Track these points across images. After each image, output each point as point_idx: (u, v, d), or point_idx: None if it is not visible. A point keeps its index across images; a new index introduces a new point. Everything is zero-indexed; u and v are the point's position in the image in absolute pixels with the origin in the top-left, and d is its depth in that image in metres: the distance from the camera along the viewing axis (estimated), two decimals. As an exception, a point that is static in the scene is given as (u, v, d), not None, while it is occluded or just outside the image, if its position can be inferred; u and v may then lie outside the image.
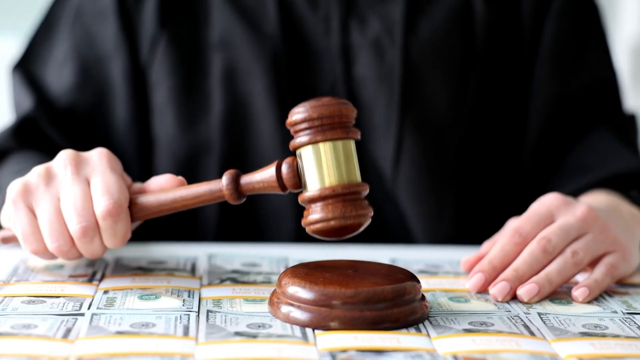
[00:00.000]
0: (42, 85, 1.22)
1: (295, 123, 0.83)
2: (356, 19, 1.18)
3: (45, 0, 1.36)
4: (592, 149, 1.20)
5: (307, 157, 0.83)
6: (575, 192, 1.10)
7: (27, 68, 1.23)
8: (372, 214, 0.84)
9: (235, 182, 0.87)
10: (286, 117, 1.15)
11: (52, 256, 0.91)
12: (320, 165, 0.83)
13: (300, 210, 0.86)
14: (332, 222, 0.82)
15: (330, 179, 0.83)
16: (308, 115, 0.82)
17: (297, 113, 0.83)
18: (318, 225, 0.83)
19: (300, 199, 0.84)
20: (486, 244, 0.99)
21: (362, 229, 0.84)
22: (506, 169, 1.22)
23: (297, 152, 0.84)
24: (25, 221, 0.89)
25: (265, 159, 1.18)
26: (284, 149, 1.16)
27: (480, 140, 1.21)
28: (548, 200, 0.96)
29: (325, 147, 0.83)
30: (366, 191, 0.84)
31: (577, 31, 1.22)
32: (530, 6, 1.21)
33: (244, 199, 0.88)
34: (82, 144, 1.19)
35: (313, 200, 0.83)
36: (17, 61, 1.24)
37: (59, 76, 1.22)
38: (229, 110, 1.18)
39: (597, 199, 1.04)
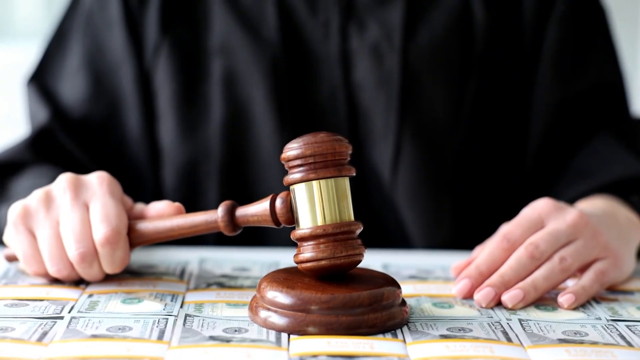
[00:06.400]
0: (56, 96, 1.23)
1: (289, 159, 0.83)
2: (355, 24, 1.18)
3: (59, 10, 1.37)
4: (594, 154, 1.18)
5: (300, 195, 0.83)
6: (575, 198, 1.09)
7: (41, 80, 1.24)
8: (365, 252, 0.84)
9: (230, 214, 0.87)
10: (286, 121, 1.18)
11: (54, 278, 0.92)
12: (313, 204, 0.83)
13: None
14: (323, 262, 0.82)
15: (322, 218, 0.82)
16: (301, 153, 0.82)
17: (291, 149, 0.83)
18: (308, 265, 0.83)
19: (292, 236, 0.84)
20: (477, 249, 0.98)
21: (353, 267, 0.84)
22: (505, 173, 1.21)
23: (291, 188, 0.84)
24: (25, 244, 0.91)
25: (265, 165, 1.18)
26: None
27: (479, 145, 1.20)
28: (539, 206, 0.95)
29: (317, 186, 0.82)
30: (359, 230, 0.84)
31: (580, 35, 1.21)
32: (531, 11, 1.20)
33: (240, 231, 0.88)
34: (97, 154, 1.21)
35: (304, 238, 0.83)
36: (31, 74, 1.25)
37: (73, 87, 1.23)
38: (228, 116, 1.19)
39: (592, 205, 1.03)
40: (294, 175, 0.83)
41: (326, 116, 1.18)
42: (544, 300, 0.91)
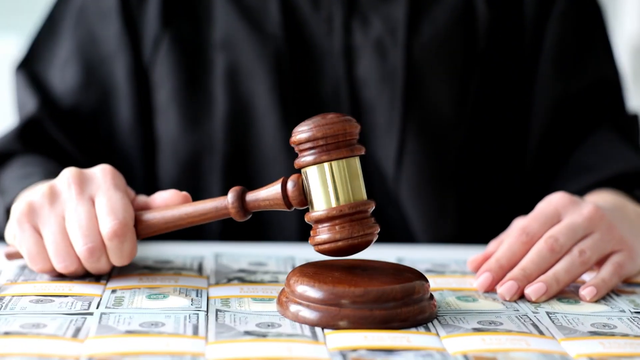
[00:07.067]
0: (45, 85, 1.22)
1: (300, 142, 0.83)
2: (359, 20, 1.18)
3: (48, 0, 1.36)
4: (595, 148, 1.20)
5: (313, 177, 0.83)
6: (578, 192, 1.11)
7: (30, 68, 1.23)
8: (379, 230, 0.84)
9: (240, 199, 0.87)
10: (289, 116, 1.17)
11: (59, 274, 0.91)
12: (326, 185, 0.83)
13: (303, 209, 0.86)
14: (340, 243, 0.82)
15: (337, 199, 0.83)
16: (312, 135, 0.82)
17: (301, 132, 0.83)
18: (326, 246, 0.83)
19: (306, 218, 0.84)
20: (493, 244, 0.98)
21: (368, 246, 0.84)
22: (508, 169, 1.22)
23: (303, 171, 0.84)
24: (31, 242, 0.89)
25: (268, 159, 1.18)
26: (287, 149, 1.16)
27: (482, 140, 1.20)
28: (555, 200, 0.96)
29: (330, 167, 0.82)
30: (372, 208, 0.84)
31: (579, 32, 1.22)
32: (532, 7, 1.21)
33: (250, 216, 0.88)
34: (87, 145, 1.19)
35: (320, 220, 0.83)
36: (20, 61, 1.23)
37: (63, 76, 1.22)
38: (231, 111, 1.18)
39: (602, 198, 1.04)
40: (306, 158, 0.83)
41: (329, 111, 1.18)
42: (565, 293, 0.91)
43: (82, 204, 0.89)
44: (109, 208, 0.88)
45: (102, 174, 0.92)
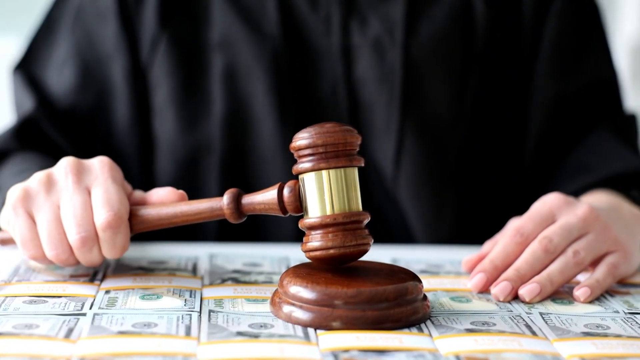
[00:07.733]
0: (43, 86, 1.22)
1: (299, 148, 0.83)
2: (357, 19, 1.18)
3: (45, 1, 1.36)
4: (592, 149, 1.20)
5: (310, 184, 0.83)
6: (576, 192, 1.11)
7: (28, 69, 1.23)
8: (372, 242, 0.84)
9: (236, 201, 0.87)
10: (287, 116, 1.17)
11: (50, 262, 0.91)
12: (322, 193, 0.82)
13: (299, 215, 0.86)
14: (332, 251, 0.82)
15: (332, 207, 0.82)
16: (312, 142, 0.82)
17: (301, 139, 0.82)
18: (317, 253, 0.83)
19: (300, 224, 0.84)
20: (487, 244, 0.98)
21: (360, 257, 0.84)
22: (506, 168, 1.22)
23: (300, 177, 0.84)
24: (24, 228, 0.89)
25: (265, 160, 1.18)
26: (285, 150, 1.16)
27: (481, 140, 1.20)
28: (549, 200, 0.96)
29: (328, 175, 0.82)
30: (367, 220, 0.84)
31: (577, 31, 1.22)
32: (530, 6, 1.21)
33: (245, 218, 0.88)
34: (83, 145, 1.20)
35: (313, 227, 0.83)
36: (17, 62, 1.24)
37: (60, 77, 1.22)
38: (229, 111, 1.18)
39: (598, 199, 1.04)
40: (304, 164, 0.83)
41: (328, 111, 1.18)
42: (559, 294, 0.91)
43: (78, 193, 0.89)
44: (105, 199, 0.88)
45: (100, 165, 0.92)
